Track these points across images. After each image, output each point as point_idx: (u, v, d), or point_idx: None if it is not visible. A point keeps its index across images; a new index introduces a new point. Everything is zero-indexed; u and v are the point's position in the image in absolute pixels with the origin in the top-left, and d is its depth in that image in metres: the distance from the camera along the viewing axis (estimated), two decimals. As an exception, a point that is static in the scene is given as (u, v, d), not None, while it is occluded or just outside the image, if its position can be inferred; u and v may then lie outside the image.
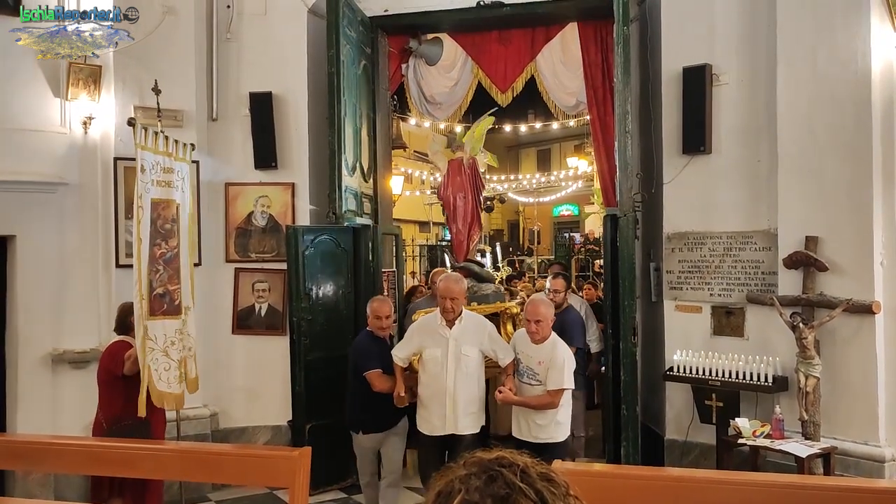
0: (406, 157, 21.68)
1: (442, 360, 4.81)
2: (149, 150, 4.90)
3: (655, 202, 6.25)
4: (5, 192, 5.74)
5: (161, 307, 5.04)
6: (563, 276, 6.48)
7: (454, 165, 6.91)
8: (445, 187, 6.96)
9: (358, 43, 6.68)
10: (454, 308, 4.82)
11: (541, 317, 4.71)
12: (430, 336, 4.92)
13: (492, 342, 4.96)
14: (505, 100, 7.39)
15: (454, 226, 6.96)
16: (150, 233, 4.97)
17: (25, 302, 5.90)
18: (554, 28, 7.16)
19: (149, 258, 4.90)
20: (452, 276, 5.08)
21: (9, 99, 5.81)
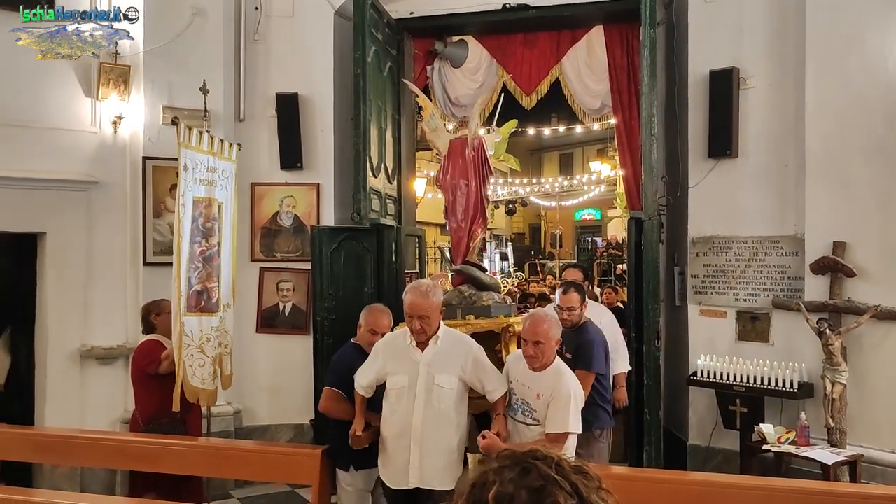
0: (429, 160, 21.75)
1: (409, 392, 3.80)
2: (192, 148, 4.97)
3: (680, 206, 6.22)
4: (37, 190, 5.85)
5: (199, 304, 5.11)
6: (576, 288, 4.93)
7: (456, 146, 5.46)
8: (445, 172, 5.49)
9: (384, 45, 6.72)
10: (424, 329, 3.79)
11: (542, 337, 3.77)
12: (397, 358, 3.89)
13: (477, 369, 3.88)
14: (530, 103, 7.38)
15: (452, 219, 5.48)
16: (192, 230, 5.04)
17: (55, 298, 6.00)
18: (579, 31, 7.15)
19: (189, 255, 4.97)
20: (421, 287, 3.88)
21: (41, 99, 5.91)
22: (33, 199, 5.84)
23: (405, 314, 3.84)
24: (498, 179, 23.18)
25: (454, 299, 5.30)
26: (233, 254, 5.58)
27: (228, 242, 5.53)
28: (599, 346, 4.75)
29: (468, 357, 3.89)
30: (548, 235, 29.42)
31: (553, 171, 29.03)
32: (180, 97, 6.21)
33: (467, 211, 5.44)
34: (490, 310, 5.26)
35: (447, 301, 5.00)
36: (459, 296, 5.36)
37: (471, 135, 5.51)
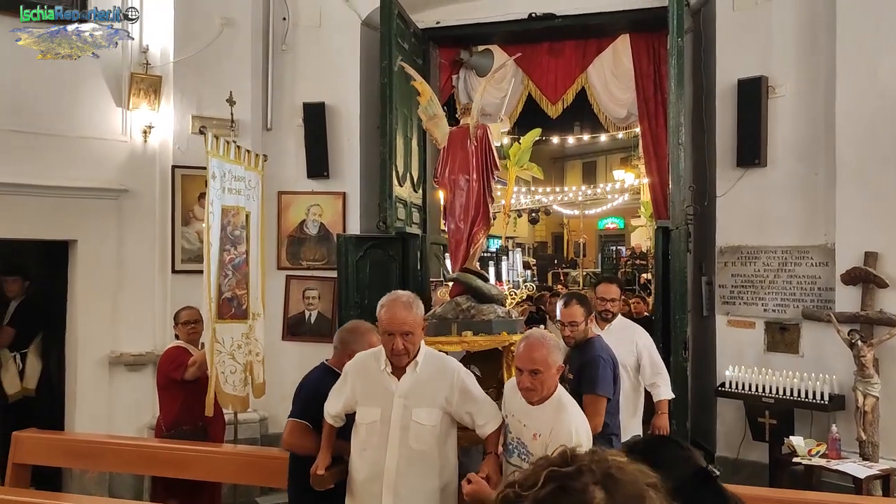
0: (452, 168, 21.78)
1: (381, 428, 3.18)
2: (220, 157, 5.02)
3: (708, 215, 6.18)
4: (69, 199, 5.93)
5: (229, 311, 5.16)
6: (578, 300, 4.33)
7: (456, 136, 4.80)
8: (443, 166, 4.82)
9: (410, 54, 6.74)
10: (407, 348, 3.16)
11: (540, 364, 3.13)
12: (368, 385, 3.27)
13: (465, 400, 3.25)
14: (555, 111, 7.39)
15: (451, 220, 4.80)
16: (221, 238, 5.09)
17: (85, 305, 6.07)
18: (605, 40, 7.14)
19: (219, 263, 5.02)
20: (402, 298, 3.25)
21: (74, 108, 6.00)
22: (65, 207, 5.92)
23: (383, 332, 3.20)
24: (521, 188, 23.18)
25: (450, 312, 4.62)
26: (260, 263, 5.63)
27: (256, 251, 5.57)
28: (606, 364, 4.03)
29: (454, 386, 3.25)
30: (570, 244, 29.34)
31: (576, 180, 28.96)
32: (209, 107, 6.28)
33: (467, 211, 4.74)
34: (491, 325, 4.51)
35: (441, 314, 4.61)
36: (456, 308, 4.63)
37: (472, 123, 4.81)
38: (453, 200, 4.80)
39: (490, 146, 4.76)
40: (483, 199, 4.75)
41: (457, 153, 4.78)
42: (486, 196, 4.76)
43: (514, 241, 28.17)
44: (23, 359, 6.26)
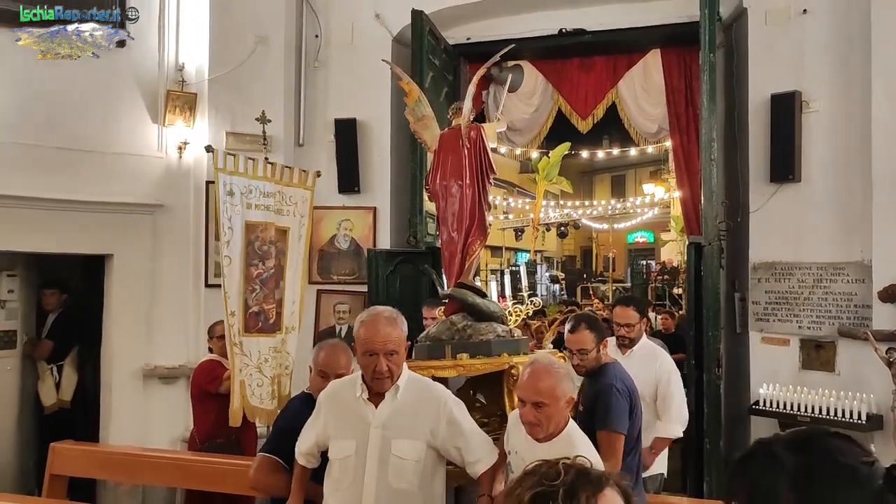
0: (480, 182, 21.84)
1: (356, 464, 2.83)
2: (239, 174, 5.07)
3: (741, 231, 6.12)
4: (106, 213, 6.04)
5: (256, 325, 5.21)
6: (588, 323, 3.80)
7: (447, 139, 4.40)
8: (434, 171, 4.43)
9: (441, 70, 6.80)
10: (391, 370, 2.84)
11: (545, 396, 2.78)
12: (342, 416, 2.95)
13: (453, 432, 2.90)
14: (585, 126, 7.38)
15: (443, 230, 4.40)
16: (248, 253, 5.14)
17: (120, 318, 6.17)
18: (636, 55, 7.12)
19: (244, 277, 5.07)
20: (384, 313, 2.92)
21: (112, 125, 6.12)
22: (102, 221, 6.04)
23: (363, 352, 2.84)
24: (549, 202, 23.14)
25: (444, 333, 4.18)
26: (302, 277, 5.64)
27: (297, 266, 5.58)
28: (621, 395, 3.58)
29: (440, 416, 2.89)
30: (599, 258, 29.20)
31: (605, 194, 28.87)
32: (243, 123, 6.37)
33: (461, 220, 4.29)
34: (490, 346, 4.05)
35: (435, 335, 4.17)
36: (451, 328, 4.19)
37: (464, 123, 4.34)
38: (445, 209, 4.40)
39: (484, 148, 4.36)
40: (478, 207, 4.31)
41: (448, 157, 4.41)
42: (481, 203, 4.33)
43: (542, 254, 28.11)
44: (59, 371, 6.38)
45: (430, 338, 4.20)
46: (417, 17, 6.34)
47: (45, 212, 5.75)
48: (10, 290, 6.30)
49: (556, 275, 24.76)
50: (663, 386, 4.48)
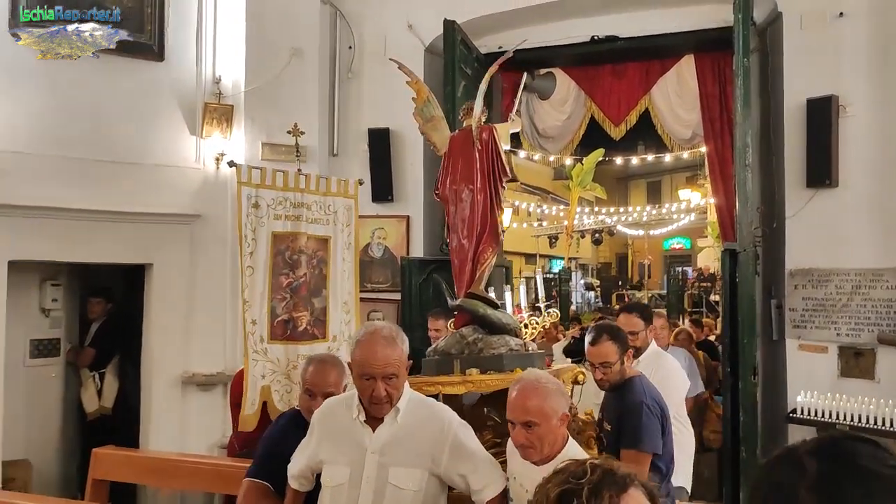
0: (514, 189, 21.89)
1: (349, 492, 2.65)
2: (265, 187, 5.15)
3: (777, 237, 6.05)
4: (146, 224, 6.18)
5: (284, 332, 5.26)
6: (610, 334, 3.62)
7: (457, 142, 4.19)
8: (444, 175, 4.23)
9: (473, 79, 6.82)
10: (391, 394, 2.64)
11: (535, 415, 2.63)
12: (335, 439, 2.76)
13: (458, 459, 2.68)
14: (618, 133, 7.36)
15: (453, 237, 4.20)
16: (276, 263, 5.21)
17: (159, 326, 6.29)
18: (669, 60, 7.10)
19: (271, 287, 5.14)
20: (383, 331, 2.69)
21: (151, 137, 6.26)
22: (142, 231, 6.17)
23: (359, 375, 2.63)
24: (584, 208, 23.04)
25: (454, 347, 3.96)
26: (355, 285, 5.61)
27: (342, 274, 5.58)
28: (651, 413, 3.39)
29: (444, 440, 2.67)
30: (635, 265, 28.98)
31: (641, 200, 28.68)
32: (278, 134, 6.45)
33: (472, 226, 4.04)
34: (502, 361, 3.78)
35: (444, 349, 3.96)
36: (461, 342, 3.96)
37: (475, 124, 4.11)
38: (455, 214, 4.16)
39: (497, 150, 4.11)
40: (490, 212, 4.06)
41: (458, 160, 4.18)
42: (493, 208, 4.07)
43: (577, 262, 27.98)
44: (101, 378, 6.53)
45: (438, 352, 3.97)
46: (449, 27, 6.40)
47: (87, 223, 5.90)
48: (55, 299, 6.47)
49: (591, 282, 24.61)
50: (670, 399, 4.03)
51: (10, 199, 5.58)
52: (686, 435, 4.22)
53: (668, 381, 4.09)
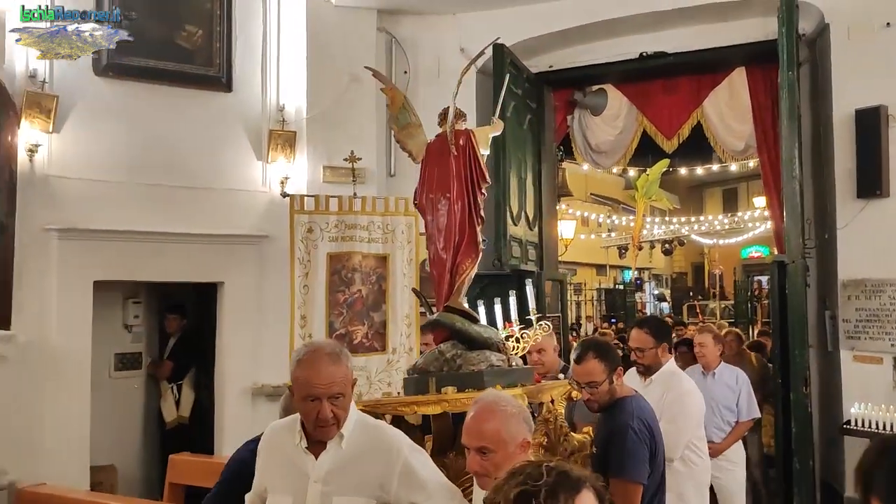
0: (582, 200, 21.89)
1: None
2: (322, 213, 5.49)
3: (829, 248, 6.03)
4: (217, 245, 6.61)
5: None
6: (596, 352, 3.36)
7: (434, 149, 4.04)
8: (421, 185, 4.07)
9: (523, 99, 7.05)
10: (337, 416, 2.45)
11: (487, 440, 2.39)
12: (279, 466, 2.61)
13: (409, 487, 2.47)
14: (671, 146, 7.47)
15: (430, 248, 4.04)
16: (332, 281, 5.55)
17: (230, 340, 6.70)
18: (720, 74, 7.16)
19: (329, 303, 5.48)
20: (325, 348, 2.52)
21: (220, 163, 6.70)
22: (213, 252, 6.60)
23: (302, 396, 2.43)
24: (655, 218, 22.82)
25: (432, 364, 3.76)
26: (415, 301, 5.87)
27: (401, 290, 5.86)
28: (638, 437, 3.11)
29: (393, 467, 2.47)
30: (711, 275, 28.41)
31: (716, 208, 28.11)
32: (338, 157, 6.77)
33: (450, 236, 3.88)
34: (482, 378, 3.54)
35: (423, 367, 3.79)
36: (439, 358, 3.76)
37: (448, 129, 3.91)
38: (432, 224, 4.00)
39: (475, 155, 3.92)
40: (469, 221, 3.89)
41: (434, 168, 4.00)
42: (472, 217, 3.90)
43: (650, 272, 27.66)
44: (178, 389, 6.99)
45: (417, 369, 3.81)
46: (498, 51, 6.63)
47: (164, 244, 6.36)
48: (136, 315, 6.99)
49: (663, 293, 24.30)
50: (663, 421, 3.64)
51: (94, 225, 6.08)
52: (700, 466, 3.92)
53: (679, 403, 3.87)
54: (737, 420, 5.15)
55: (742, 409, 5.18)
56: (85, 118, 6.12)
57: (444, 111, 4.09)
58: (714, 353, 5.32)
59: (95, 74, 6.16)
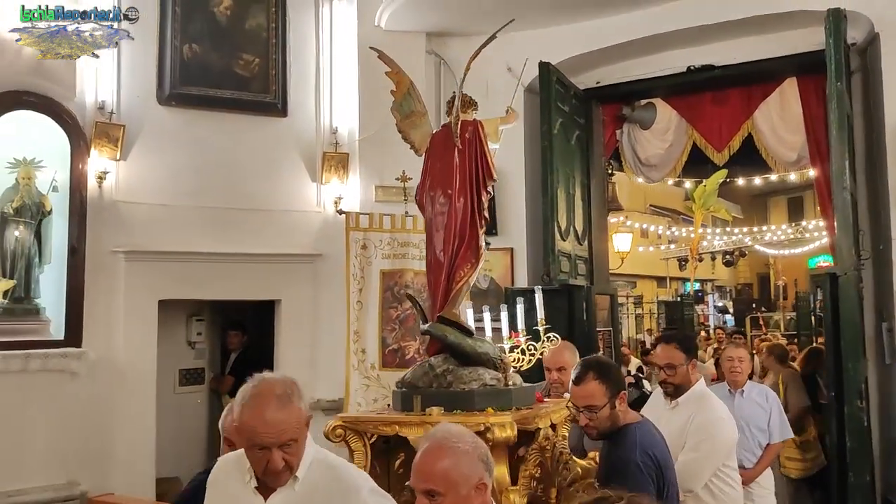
0: (641, 212, 21.69)
1: None
2: (376, 230, 5.66)
3: (885, 259, 5.92)
4: (274, 264, 6.87)
5: (394, 360, 5.78)
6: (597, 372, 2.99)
7: (438, 140, 3.71)
8: (423, 180, 3.75)
9: (571, 115, 7.12)
10: (290, 463, 2.21)
11: (436, 483, 2.11)
12: None
13: None
14: (721, 159, 7.43)
15: (430, 251, 3.67)
16: (385, 298, 5.73)
17: (288, 356, 6.94)
18: (771, 84, 7.09)
19: (382, 319, 5.65)
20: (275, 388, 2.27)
21: (277, 185, 6.97)
22: (271, 271, 6.86)
23: (248, 444, 2.21)
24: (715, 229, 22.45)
25: (421, 379, 3.48)
26: None
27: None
28: (644, 471, 2.78)
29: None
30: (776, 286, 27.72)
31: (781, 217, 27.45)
32: (390, 177, 6.98)
33: (448, 237, 3.49)
34: (473, 397, 3.26)
35: (411, 381, 3.50)
36: (428, 373, 3.48)
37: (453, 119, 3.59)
38: (432, 224, 3.61)
39: (482, 149, 3.58)
40: (470, 222, 3.51)
41: (436, 162, 3.63)
42: (474, 217, 3.52)
43: (713, 283, 27.15)
44: (239, 403, 7.25)
45: (405, 383, 3.53)
46: (544, 69, 6.73)
47: (224, 264, 6.64)
48: (199, 332, 7.30)
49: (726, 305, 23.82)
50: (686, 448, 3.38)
51: (159, 247, 6.41)
52: (731, 496, 3.54)
53: (707, 429, 3.45)
54: (768, 442, 4.76)
55: (774, 430, 4.79)
56: (149, 146, 6.46)
57: (452, 98, 3.71)
58: (748, 370, 5.05)
59: (159, 104, 6.51)
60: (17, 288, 5.79)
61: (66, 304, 5.98)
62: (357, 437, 3.40)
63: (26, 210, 5.84)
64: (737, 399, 4.80)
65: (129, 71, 6.37)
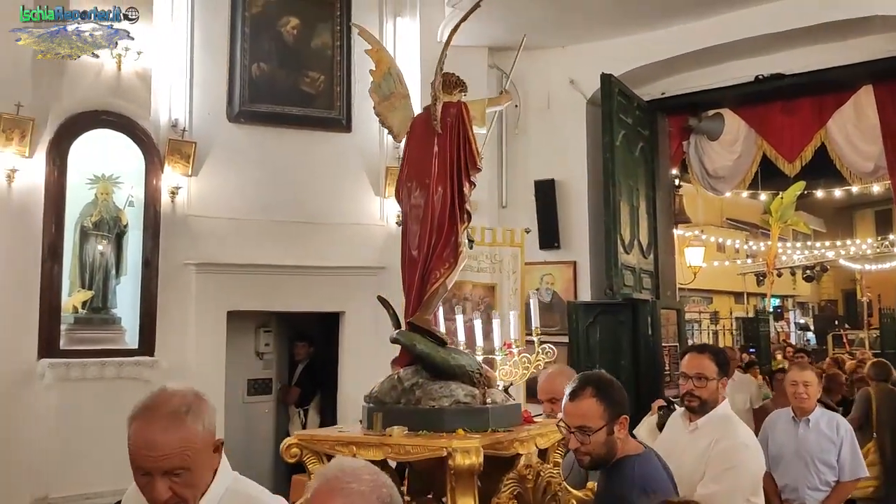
0: (717, 225, 21.14)
1: None
2: None
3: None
4: (339, 276, 6.99)
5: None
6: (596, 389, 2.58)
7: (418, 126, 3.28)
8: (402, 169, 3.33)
9: (634, 127, 7.05)
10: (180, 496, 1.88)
11: None
12: None
13: None
14: (792, 170, 7.23)
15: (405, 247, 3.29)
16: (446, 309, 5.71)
17: (351, 367, 7.03)
18: (845, 93, 6.90)
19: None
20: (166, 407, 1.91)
21: (341, 199, 7.10)
22: (335, 283, 6.98)
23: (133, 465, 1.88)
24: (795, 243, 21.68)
25: (388, 394, 3.14)
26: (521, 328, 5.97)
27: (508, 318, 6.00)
28: None
29: None
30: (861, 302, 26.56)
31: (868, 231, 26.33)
32: (451, 190, 7.08)
33: (425, 232, 3.12)
34: (442, 417, 2.89)
35: (377, 396, 3.15)
36: (396, 388, 3.14)
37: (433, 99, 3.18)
38: (407, 218, 3.22)
39: (466, 134, 3.15)
40: (449, 216, 3.11)
41: (415, 148, 3.22)
42: (454, 210, 3.11)
43: (794, 300, 26.20)
44: (305, 414, 7.39)
45: (371, 398, 3.18)
46: (606, 81, 6.69)
47: (290, 276, 6.80)
48: (267, 343, 7.47)
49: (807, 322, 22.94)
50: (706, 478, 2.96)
51: (229, 259, 6.60)
52: None
53: (731, 458, 3.02)
54: (837, 479, 4.22)
55: (844, 467, 4.21)
56: (220, 162, 6.69)
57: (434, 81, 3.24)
58: (816, 395, 4.40)
59: (229, 121, 6.73)
60: (94, 298, 6.05)
61: (140, 315, 6.20)
62: (314, 458, 3.02)
63: (104, 224, 6.11)
64: (801, 428, 4.31)
65: (200, 90, 6.62)
